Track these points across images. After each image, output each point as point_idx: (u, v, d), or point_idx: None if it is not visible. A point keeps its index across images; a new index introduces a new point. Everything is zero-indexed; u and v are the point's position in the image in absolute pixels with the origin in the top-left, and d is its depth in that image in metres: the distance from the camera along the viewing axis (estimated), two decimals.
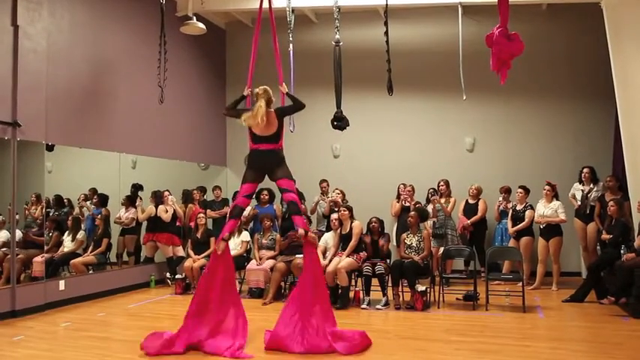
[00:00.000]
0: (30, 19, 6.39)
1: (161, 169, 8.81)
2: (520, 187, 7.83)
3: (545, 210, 7.45)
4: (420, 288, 6.34)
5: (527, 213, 7.60)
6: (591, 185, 7.57)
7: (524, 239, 7.58)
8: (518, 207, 7.75)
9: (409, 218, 6.95)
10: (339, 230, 6.93)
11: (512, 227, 7.68)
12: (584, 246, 7.70)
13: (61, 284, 6.76)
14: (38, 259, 6.52)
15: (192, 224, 8.35)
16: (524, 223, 7.59)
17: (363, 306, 6.47)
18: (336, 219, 7.00)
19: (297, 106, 5.11)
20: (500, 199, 8.17)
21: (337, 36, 6.27)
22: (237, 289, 6.02)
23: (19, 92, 6.23)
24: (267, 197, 8.21)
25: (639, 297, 5.71)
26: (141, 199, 8.28)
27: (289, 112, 5.32)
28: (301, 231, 4.98)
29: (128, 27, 8.06)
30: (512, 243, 7.68)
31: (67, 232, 7.21)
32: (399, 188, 8.50)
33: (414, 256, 6.61)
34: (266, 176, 5.12)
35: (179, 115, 9.08)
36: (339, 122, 6.47)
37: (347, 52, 6.71)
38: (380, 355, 4.56)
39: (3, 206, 6.30)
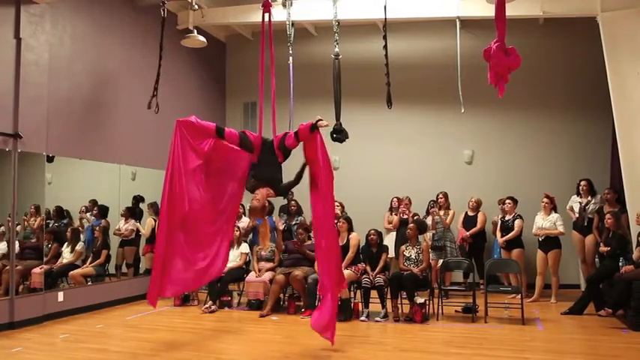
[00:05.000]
0: (32, 31, 6.45)
1: (161, 181, 8.76)
2: (508, 197, 7.86)
3: (544, 222, 7.47)
4: (419, 300, 6.34)
5: (517, 222, 7.62)
6: (589, 198, 7.59)
7: (515, 251, 7.59)
8: (507, 217, 7.77)
9: (408, 230, 6.96)
10: None
11: (502, 238, 7.70)
12: (583, 258, 7.71)
13: (60, 296, 6.75)
14: (37, 270, 6.51)
15: None
16: (513, 232, 7.60)
17: (362, 318, 6.46)
18: None
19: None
20: (499, 211, 8.18)
21: (337, 49, 6.32)
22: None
23: (21, 104, 6.27)
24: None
25: (638, 309, 5.72)
26: (142, 211, 8.30)
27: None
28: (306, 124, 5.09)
29: (129, 40, 8.12)
30: (503, 254, 7.69)
31: (66, 243, 7.21)
32: (392, 202, 8.54)
33: (413, 268, 6.61)
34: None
35: None
36: (339, 135, 6.48)
37: (346, 65, 6.74)
38: None
39: (3, 217, 6.31)
